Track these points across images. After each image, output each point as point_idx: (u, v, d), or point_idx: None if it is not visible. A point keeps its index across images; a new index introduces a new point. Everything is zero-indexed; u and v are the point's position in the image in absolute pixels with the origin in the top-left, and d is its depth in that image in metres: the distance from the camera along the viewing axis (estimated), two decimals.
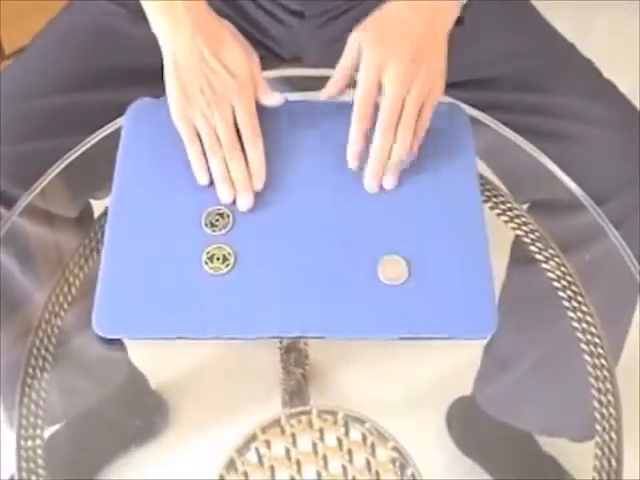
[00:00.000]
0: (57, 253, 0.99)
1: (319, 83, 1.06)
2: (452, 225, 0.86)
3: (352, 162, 0.87)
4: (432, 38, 0.88)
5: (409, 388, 1.40)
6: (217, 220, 0.85)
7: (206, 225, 0.84)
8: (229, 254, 0.82)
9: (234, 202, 0.85)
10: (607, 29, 2.09)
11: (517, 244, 1.06)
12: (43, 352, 0.91)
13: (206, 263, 0.81)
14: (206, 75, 0.86)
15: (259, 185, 0.86)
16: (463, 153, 0.91)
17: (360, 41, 0.87)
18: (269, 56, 1.10)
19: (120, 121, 0.93)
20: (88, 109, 0.97)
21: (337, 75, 0.90)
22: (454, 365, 1.25)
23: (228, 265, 0.82)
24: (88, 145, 0.95)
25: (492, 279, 0.83)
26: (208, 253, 0.82)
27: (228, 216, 0.85)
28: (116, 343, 1.12)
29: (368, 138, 0.86)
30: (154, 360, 1.31)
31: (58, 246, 0.99)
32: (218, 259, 0.82)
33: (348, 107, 0.92)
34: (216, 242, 0.83)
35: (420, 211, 0.86)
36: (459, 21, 0.91)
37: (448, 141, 0.91)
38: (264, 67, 0.93)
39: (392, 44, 0.86)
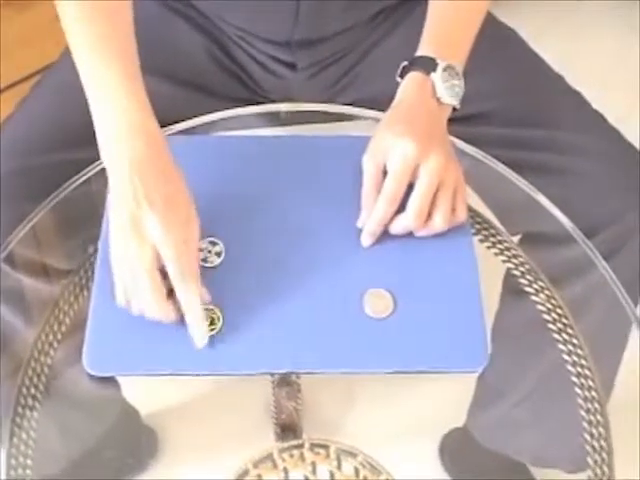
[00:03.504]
0: (48, 291, 0.98)
1: (307, 117, 1.08)
2: (441, 257, 0.86)
3: (367, 241, 0.86)
4: (444, 130, 0.89)
5: (402, 420, 1.40)
6: (209, 252, 0.85)
7: (199, 259, 0.84)
8: (217, 318, 0.81)
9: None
10: (594, 55, 2.12)
11: (509, 276, 1.06)
12: (33, 391, 0.91)
13: None
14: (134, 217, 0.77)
15: (200, 343, 0.79)
16: None
17: (390, 135, 0.84)
18: (259, 99, 1.12)
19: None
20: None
21: (368, 187, 0.86)
22: (447, 396, 1.24)
23: (214, 327, 0.81)
24: (76, 184, 0.95)
25: (483, 312, 0.83)
26: None
27: (220, 252, 0.85)
28: (109, 380, 1.11)
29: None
30: (144, 392, 1.31)
31: (49, 285, 0.99)
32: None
33: (337, 141, 0.94)
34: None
35: (407, 244, 0.86)
36: None
37: None
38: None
39: (426, 137, 0.84)
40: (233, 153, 0.94)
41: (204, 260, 0.84)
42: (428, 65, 0.88)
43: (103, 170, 0.90)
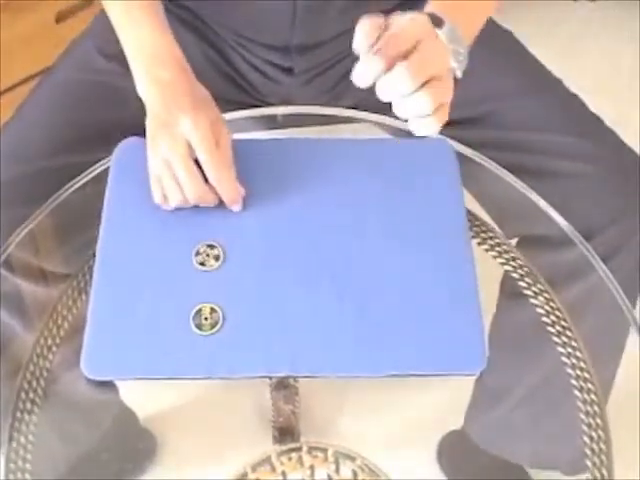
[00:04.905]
0: (46, 295, 0.98)
1: (304, 120, 1.08)
2: (440, 260, 0.85)
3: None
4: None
5: (400, 422, 1.40)
6: (207, 255, 0.85)
7: (197, 263, 0.84)
8: (217, 308, 0.82)
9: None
10: (591, 58, 2.12)
11: (507, 279, 1.06)
12: (31, 395, 0.90)
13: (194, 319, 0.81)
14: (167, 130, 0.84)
15: (236, 207, 0.87)
16: (450, 188, 0.91)
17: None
18: (256, 103, 1.11)
19: (107, 162, 0.93)
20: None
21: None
22: (445, 399, 1.24)
23: (215, 325, 0.81)
24: (74, 188, 0.95)
25: (481, 314, 0.83)
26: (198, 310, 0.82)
27: (218, 255, 0.85)
28: (107, 384, 1.11)
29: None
30: (142, 396, 1.31)
31: (47, 289, 0.99)
32: (206, 319, 0.81)
33: (333, 143, 0.94)
34: (206, 289, 0.83)
35: (407, 246, 0.86)
36: None
37: (435, 176, 0.91)
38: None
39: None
40: None
41: (202, 264, 0.84)
42: (434, 20, 0.79)
43: (100, 174, 0.91)
